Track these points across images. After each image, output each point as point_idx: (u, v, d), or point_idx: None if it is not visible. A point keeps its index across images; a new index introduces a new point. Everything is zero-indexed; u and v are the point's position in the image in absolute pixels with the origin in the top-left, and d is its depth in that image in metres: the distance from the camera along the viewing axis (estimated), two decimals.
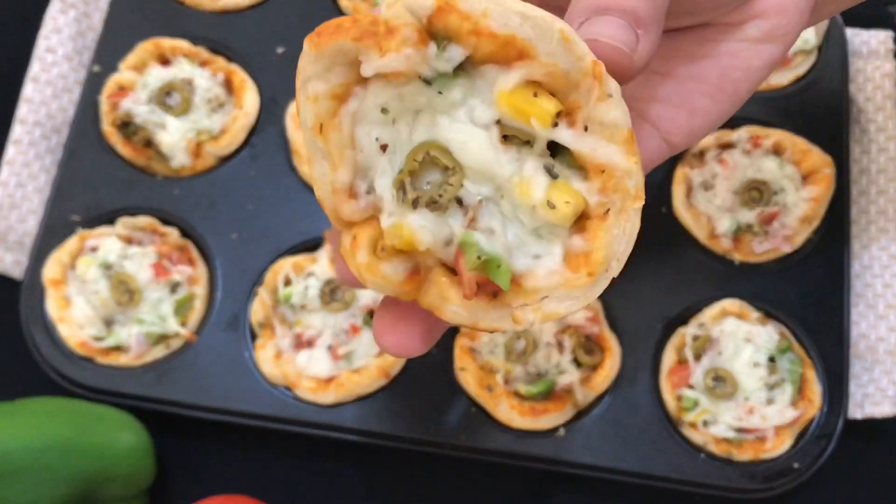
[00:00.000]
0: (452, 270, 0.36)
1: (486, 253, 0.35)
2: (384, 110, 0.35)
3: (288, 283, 0.85)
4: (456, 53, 0.33)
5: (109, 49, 0.95)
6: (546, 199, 0.34)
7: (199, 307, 0.86)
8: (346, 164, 0.35)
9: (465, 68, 0.34)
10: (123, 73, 0.93)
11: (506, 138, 0.35)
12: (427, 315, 0.39)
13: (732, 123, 0.92)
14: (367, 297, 0.85)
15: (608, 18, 0.35)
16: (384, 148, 0.35)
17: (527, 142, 0.35)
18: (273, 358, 0.84)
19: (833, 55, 0.96)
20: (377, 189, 0.36)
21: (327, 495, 0.87)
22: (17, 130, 0.94)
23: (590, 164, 0.34)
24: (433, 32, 0.33)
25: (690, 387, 0.83)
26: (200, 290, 0.87)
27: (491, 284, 0.36)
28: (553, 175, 0.34)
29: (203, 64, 0.94)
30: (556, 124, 0.34)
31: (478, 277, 0.35)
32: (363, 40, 0.33)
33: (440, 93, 0.34)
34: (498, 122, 0.34)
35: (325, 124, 0.34)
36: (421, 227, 0.35)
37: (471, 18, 0.32)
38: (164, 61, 0.95)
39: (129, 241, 0.88)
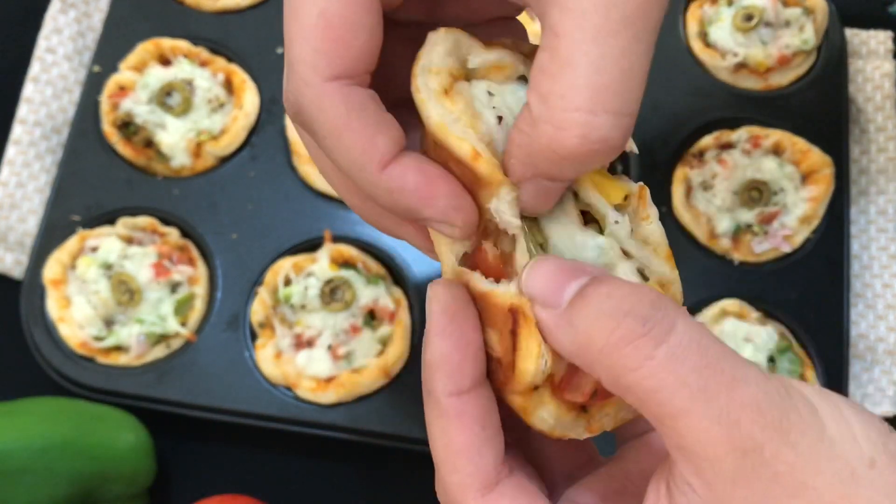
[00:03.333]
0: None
1: None
2: (490, 93, 0.37)
3: (288, 282, 0.85)
4: None
5: (110, 49, 0.95)
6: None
7: (199, 307, 0.86)
8: (475, 125, 0.36)
9: None
10: (123, 73, 0.93)
11: (584, 217, 0.38)
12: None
13: (732, 123, 0.92)
14: (366, 297, 0.85)
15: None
16: (500, 119, 0.37)
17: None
18: (273, 358, 0.84)
19: (832, 55, 0.96)
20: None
21: (327, 495, 0.87)
22: (17, 130, 0.94)
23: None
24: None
25: None
26: (200, 290, 0.87)
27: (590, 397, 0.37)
28: (645, 278, 0.37)
29: (203, 64, 0.95)
30: (624, 208, 0.38)
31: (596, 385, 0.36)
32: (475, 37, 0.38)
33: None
34: (575, 196, 0.38)
35: (448, 90, 0.37)
36: None
37: None
38: (165, 61, 0.95)
39: (129, 240, 0.88)
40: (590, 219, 0.39)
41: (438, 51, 0.37)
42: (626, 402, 0.34)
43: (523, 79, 0.38)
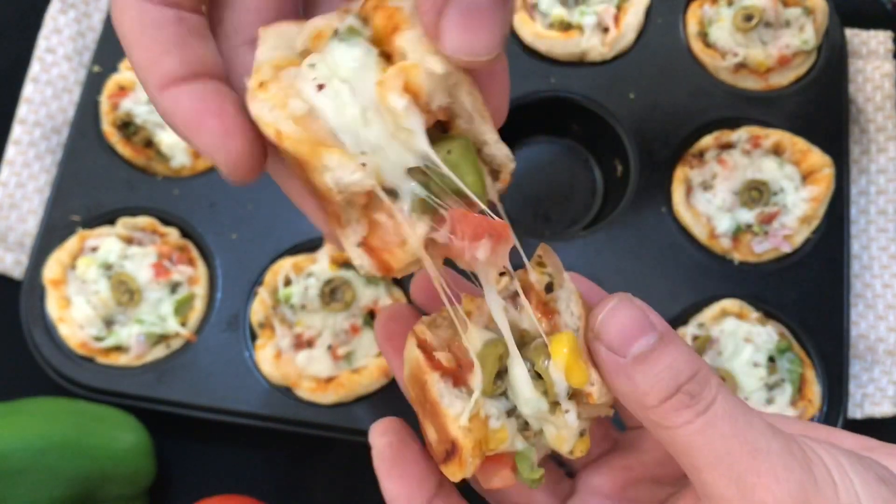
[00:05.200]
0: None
1: (537, 471, 0.42)
2: (311, 65, 0.36)
3: (288, 283, 0.85)
4: (354, 21, 0.37)
5: (109, 49, 0.95)
6: (571, 450, 0.41)
7: (199, 307, 0.86)
8: (287, 105, 0.35)
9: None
10: (123, 73, 0.93)
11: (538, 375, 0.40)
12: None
13: (732, 123, 0.92)
14: (367, 298, 0.85)
15: None
16: (321, 87, 0.35)
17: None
18: (273, 358, 0.84)
19: (832, 55, 0.96)
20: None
21: (327, 495, 0.87)
22: (17, 130, 0.94)
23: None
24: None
25: None
26: (200, 290, 0.87)
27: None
28: (582, 434, 0.41)
29: None
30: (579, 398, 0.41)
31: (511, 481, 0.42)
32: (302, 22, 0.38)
33: (340, 40, 0.36)
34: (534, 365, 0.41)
35: (265, 83, 0.36)
36: (511, 433, 0.41)
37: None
38: None
39: (129, 241, 0.88)
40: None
41: (262, 49, 0.37)
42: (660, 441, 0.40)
43: (336, 33, 0.36)
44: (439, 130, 0.36)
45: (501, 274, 0.41)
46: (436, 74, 0.34)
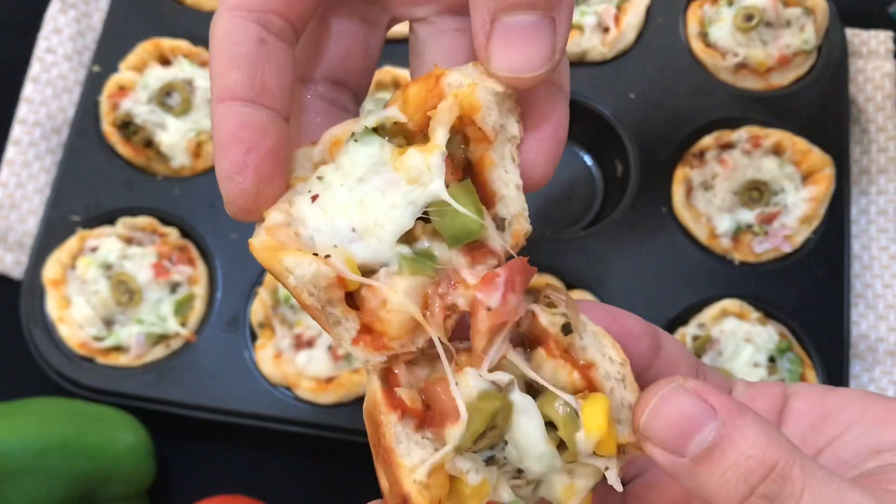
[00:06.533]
0: None
1: None
2: (320, 178, 0.37)
3: None
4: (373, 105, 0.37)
5: (109, 49, 0.95)
6: None
7: (199, 307, 0.86)
8: (269, 215, 0.37)
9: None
10: (123, 73, 0.93)
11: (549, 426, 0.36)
12: None
13: (733, 123, 0.92)
14: None
15: None
16: (314, 198, 0.36)
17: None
18: (273, 358, 0.84)
19: (833, 55, 0.96)
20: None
21: (327, 495, 0.87)
22: (17, 131, 0.94)
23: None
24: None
25: None
26: (200, 291, 0.87)
27: None
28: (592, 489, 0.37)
29: (203, 64, 0.94)
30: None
31: None
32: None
33: (356, 141, 0.37)
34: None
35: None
36: (492, 483, 0.36)
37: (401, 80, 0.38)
38: (165, 61, 0.95)
39: (129, 241, 0.88)
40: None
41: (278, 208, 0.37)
42: None
43: (353, 135, 0.37)
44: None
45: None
46: (496, 91, 0.35)
